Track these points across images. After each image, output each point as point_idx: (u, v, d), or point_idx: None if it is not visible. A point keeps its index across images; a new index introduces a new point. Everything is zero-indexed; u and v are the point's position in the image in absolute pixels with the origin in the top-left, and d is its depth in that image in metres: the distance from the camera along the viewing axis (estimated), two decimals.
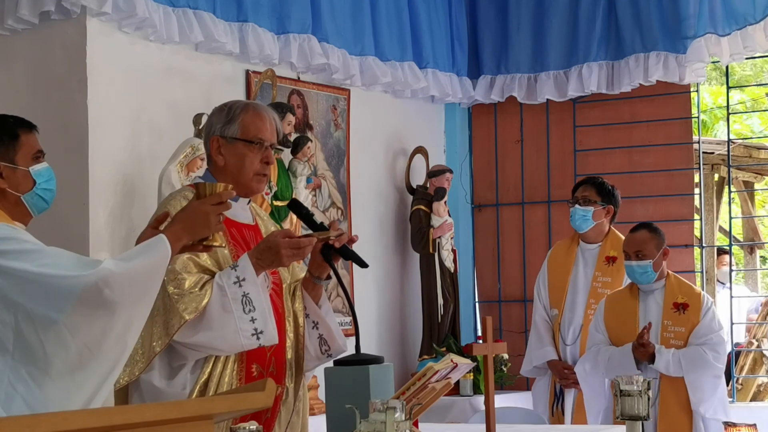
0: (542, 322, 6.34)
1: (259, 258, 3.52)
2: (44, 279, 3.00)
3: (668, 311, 5.64)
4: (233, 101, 3.80)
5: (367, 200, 7.28)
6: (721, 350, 5.61)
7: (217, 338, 3.48)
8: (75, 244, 5.19)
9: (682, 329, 5.59)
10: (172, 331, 3.44)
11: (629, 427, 3.78)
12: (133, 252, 3.11)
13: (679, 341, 5.59)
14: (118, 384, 3.43)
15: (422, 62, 7.44)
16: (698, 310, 5.61)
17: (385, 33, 7.14)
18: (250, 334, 3.48)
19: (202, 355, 3.52)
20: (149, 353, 3.47)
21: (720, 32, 7.17)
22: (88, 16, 5.40)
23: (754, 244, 11.80)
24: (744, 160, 9.69)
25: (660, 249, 5.66)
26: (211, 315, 3.47)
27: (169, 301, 3.45)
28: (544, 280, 6.40)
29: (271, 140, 3.69)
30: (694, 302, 5.63)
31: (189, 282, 3.47)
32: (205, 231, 3.18)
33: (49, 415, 2.00)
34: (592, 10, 7.52)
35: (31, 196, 3.26)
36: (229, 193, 3.23)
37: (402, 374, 7.18)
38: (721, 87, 14.91)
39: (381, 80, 7.04)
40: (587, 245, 6.30)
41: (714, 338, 5.58)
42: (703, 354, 5.53)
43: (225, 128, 3.66)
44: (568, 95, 7.61)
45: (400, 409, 2.97)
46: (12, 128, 3.27)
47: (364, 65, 6.94)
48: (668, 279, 5.71)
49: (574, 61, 7.57)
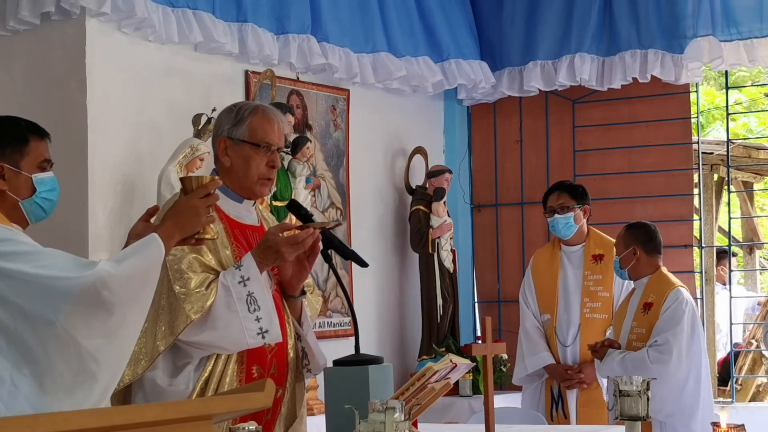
0: (534, 330, 6.33)
1: (262, 257, 3.53)
2: (41, 280, 3.00)
3: (638, 313, 5.65)
4: (243, 102, 3.80)
5: (367, 200, 7.28)
6: (666, 350, 5.47)
7: (222, 337, 3.49)
8: (74, 245, 5.19)
9: (643, 330, 5.59)
10: (177, 331, 3.44)
11: (628, 428, 3.78)
12: (126, 252, 3.10)
13: (640, 343, 5.57)
14: (121, 383, 3.42)
15: (442, 54, 7.43)
16: (659, 308, 5.57)
17: (391, 29, 7.13)
18: (255, 333, 3.49)
19: (206, 353, 3.52)
20: (153, 352, 3.47)
21: (720, 37, 7.17)
22: (88, 17, 5.40)
23: (753, 245, 11.80)
24: (743, 161, 9.69)
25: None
26: (216, 314, 3.47)
27: (175, 300, 3.46)
28: (530, 288, 6.40)
29: (278, 144, 3.70)
30: (658, 300, 5.61)
31: (195, 281, 3.47)
32: (196, 225, 3.17)
33: (49, 415, 2.00)
34: (587, 5, 7.52)
35: (29, 203, 3.25)
36: (216, 183, 3.23)
37: (401, 374, 7.18)
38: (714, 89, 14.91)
39: (395, 75, 7.03)
40: (570, 247, 6.32)
41: (660, 340, 5.48)
42: (643, 357, 5.48)
43: (233, 130, 3.65)
44: (557, 83, 7.59)
45: (399, 409, 2.97)
46: (23, 133, 3.26)
47: (363, 65, 6.94)
48: (651, 278, 5.69)
49: (565, 51, 7.54)
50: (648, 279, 5.69)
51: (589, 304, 6.18)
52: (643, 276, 5.71)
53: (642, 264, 5.70)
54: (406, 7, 7.28)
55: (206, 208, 3.18)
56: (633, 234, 5.73)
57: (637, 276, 5.72)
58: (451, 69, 7.49)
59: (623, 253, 5.70)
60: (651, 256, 5.71)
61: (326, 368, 3.57)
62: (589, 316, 6.13)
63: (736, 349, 8.47)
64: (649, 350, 5.50)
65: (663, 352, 5.49)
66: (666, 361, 5.48)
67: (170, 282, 3.47)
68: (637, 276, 5.72)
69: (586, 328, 6.14)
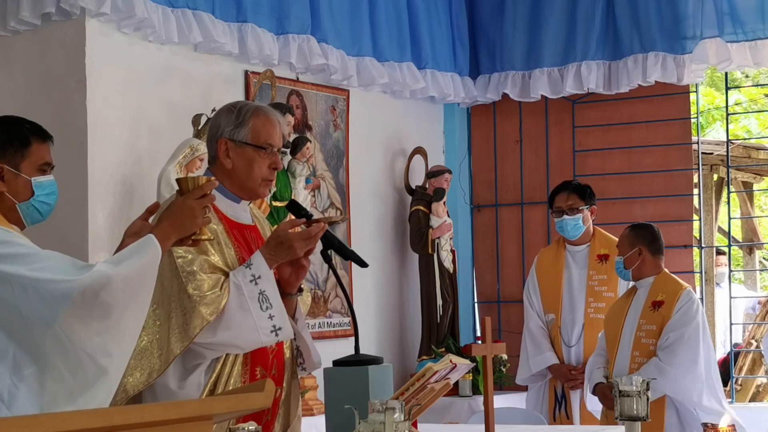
0: (538, 329, 6.33)
1: (272, 253, 3.54)
2: (39, 283, 2.99)
3: (646, 310, 5.64)
4: (242, 103, 3.78)
5: (366, 201, 7.28)
6: (679, 349, 5.49)
7: (237, 337, 3.50)
8: (74, 245, 5.20)
9: (653, 327, 5.58)
10: (192, 333, 3.43)
11: (628, 428, 3.78)
12: (123, 254, 3.08)
13: (650, 339, 5.57)
14: (134, 390, 3.42)
15: (421, 63, 7.44)
16: (672, 307, 5.57)
17: (384, 33, 7.14)
18: (269, 330, 3.51)
19: (220, 354, 3.52)
20: (168, 355, 3.45)
21: (727, 38, 7.17)
22: (87, 17, 5.40)
23: (753, 245, 11.80)
24: (743, 161, 9.69)
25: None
26: (229, 314, 3.47)
27: (189, 302, 3.44)
28: (534, 288, 6.40)
29: (279, 145, 3.70)
30: (670, 299, 5.61)
31: (209, 283, 3.47)
32: (193, 226, 3.16)
33: (49, 416, 2.00)
34: (590, 10, 7.52)
35: (26, 206, 3.24)
36: (212, 185, 3.21)
37: (401, 375, 7.18)
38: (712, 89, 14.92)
39: (378, 81, 7.04)
40: (575, 247, 6.32)
41: (671, 337, 5.50)
42: (658, 364, 5.48)
43: (235, 131, 3.64)
44: (565, 92, 7.60)
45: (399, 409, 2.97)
46: (26, 135, 3.25)
47: (362, 66, 6.94)
48: (657, 278, 5.69)
49: (571, 58, 7.55)
50: (653, 279, 5.69)
51: (594, 304, 6.18)
52: (647, 276, 5.70)
53: (647, 264, 5.69)
54: (397, 13, 7.27)
55: (202, 210, 3.17)
56: (638, 234, 5.72)
57: (640, 276, 5.71)
58: (426, 78, 7.48)
59: (628, 253, 5.69)
60: (655, 256, 5.71)
61: (326, 368, 3.56)
62: (594, 316, 6.13)
63: (735, 350, 8.46)
64: (659, 354, 5.50)
65: (676, 351, 5.49)
66: (682, 357, 5.49)
67: (182, 285, 3.46)
68: (640, 276, 5.71)
69: (591, 328, 6.14)
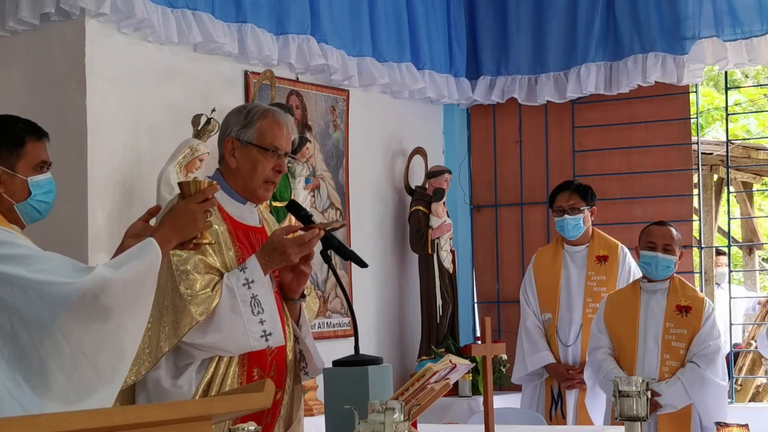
0: (534, 328, 6.33)
1: (267, 259, 3.53)
2: (38, 285, 2.97)
3: (671, 313, 5.60)
4: (253, 104, 3.80)
5: (366, 201, 7.28)
6: (718, 360, 5.53)
7: (226, 340, 3.49)
8: (74, 246, 5.19)
9: (684, 331, 5.54)
10: (181, 332, 3.44)
11: (628, 428, 3.78)
12: (124, 257, 3.07)
13: (681, 343, 5.54)
14: (124, 383, 3.42)
15: (420, 63, 7.45)
16: (701, 315, 5.55)
17: (383, 34, 7.14)
18: (259, 336, 3.50)
19: (209, 355, 3.52)
20: (156, 353, 3.46)
21: (724, 37, 7.17)
22: (87, 17, 5.40)
23: (752, 245, 11.80)
24: (743, 161, 9.69)
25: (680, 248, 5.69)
26: (220, 316, 3.47)
27: (181, 301, 3.45)
28: (531, 287, 6.40)
29: (286, 149, 3.70)
30: (697, 306, 5.58)
31: (201, 283, 3.47)
32: (194, 230, 3.15)
33: (49, 416, 2.00)
34: (590, 11, 7.53)
35: (24, 206, 3.23)
36: (214, 189, 3.20)
37: (401, 375, 7.18)
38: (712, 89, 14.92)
39: (378, 81, 7.04)
40: (574, 247, 6.32)
41: (712, 346, 5.50)
42: (702, 374, 5.47)
43: (242, 131, 3.65)
44: (567, 96, 7.62)
45: (398, 409, 2.97)
46: (20, 134, 3.23)
47: (362, 66, 6.95)
48: (672, 281, 5.67)
49: (573, 62, 7.57)
50: (669, 283, 5.66)
51: (592, 305, 6.18)
52: None
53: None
54: (396, 14, 7.27)
55: (204, 213, 3.16)
56: (680, 236, 5.71)
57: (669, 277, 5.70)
58: (425, 78, 7.48)
59: (678, 252, 5.64)
60: None
61: (326, 368, 3.57)
62: (592, 316, 6.12)
63: (735, 350, 8.47)
64: (701, 363, 5.48)
65: (717, 362, 5.50)
66: (721, 370, 5.52)
67: (175, 283, 3.47)
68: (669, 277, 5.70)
69: (588, 328, 6.13)
